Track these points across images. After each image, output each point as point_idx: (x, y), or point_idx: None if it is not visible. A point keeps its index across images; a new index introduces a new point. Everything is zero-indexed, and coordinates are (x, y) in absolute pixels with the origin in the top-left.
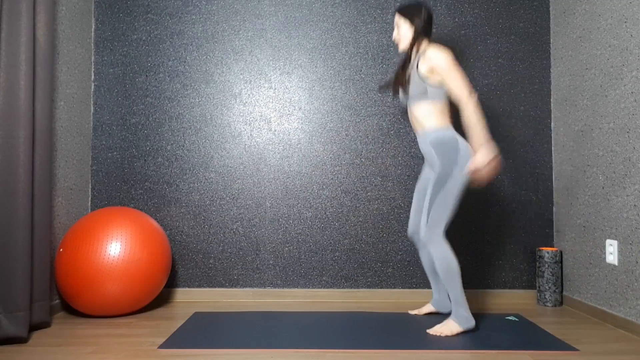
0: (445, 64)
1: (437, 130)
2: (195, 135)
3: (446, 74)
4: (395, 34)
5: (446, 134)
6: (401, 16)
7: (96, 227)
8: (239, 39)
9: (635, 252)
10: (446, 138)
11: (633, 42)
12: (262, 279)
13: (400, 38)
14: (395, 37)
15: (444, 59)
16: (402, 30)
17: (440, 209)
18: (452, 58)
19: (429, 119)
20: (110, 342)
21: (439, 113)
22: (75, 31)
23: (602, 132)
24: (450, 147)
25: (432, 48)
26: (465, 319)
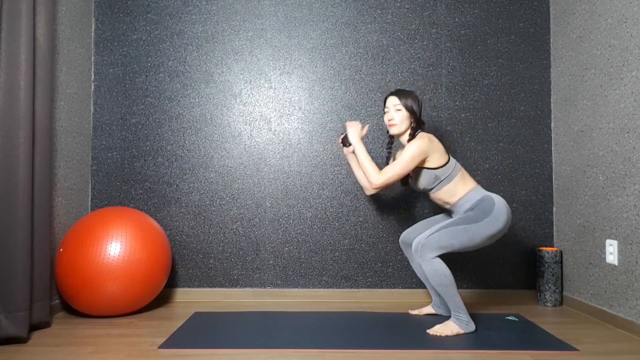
0: (408, 150)
1: (467, 196)
2: (195, 135)
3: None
4: (393, 116)
5: (478, 193)
6: (401, 102)
7: (96, 227)
8: (239, 39)
9: (635, 252)
10: (480, 196)
11: (633, 42)
12: (262, 279)
13: (396, 122)
14: (391, 120)
15: (410, 147)
16: (401, 115)
17: (450, 235)
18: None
19: (456, 195)
20: (110, 342)
21: (461, 184)
22: (75, 31)
23: (602, 132)
24: (486, 202)
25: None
26: (466, 323)
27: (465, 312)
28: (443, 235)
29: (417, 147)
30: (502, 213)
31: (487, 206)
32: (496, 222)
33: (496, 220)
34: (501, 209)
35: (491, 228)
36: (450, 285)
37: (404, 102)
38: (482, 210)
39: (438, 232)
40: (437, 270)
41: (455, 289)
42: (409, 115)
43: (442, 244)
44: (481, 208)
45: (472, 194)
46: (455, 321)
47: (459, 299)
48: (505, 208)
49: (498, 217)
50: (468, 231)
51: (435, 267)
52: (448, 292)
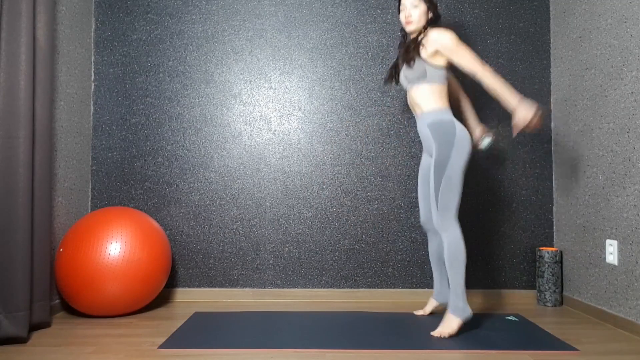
0: (451, 44)
1: (435, 112)
2: (195, 135)
3: (454, 53)
4: (408, 15)
5: (444, 117)
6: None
7: (96, 227)
8: (239, 39)
9: (635, 252)
10: (443, 121)
11: (633, 42)
12: (262, 279)
13: (414, 19)
14: (407, 17)
15: (448, 39)
16: (419, 13)
17: (447, 193)
18: (456, 37)
19: (428, 101)
20: (110, 342)
21: (438, 96)
22: (75, 31)
23: (602, 132)
24: (447, 129)
25: (434, 31)
26: (462, 309)
27: (464, 297)
28: (442, 200)
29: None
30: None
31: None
32: (463, 151)
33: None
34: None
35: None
36: (462, 262)
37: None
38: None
39: (438, 201)
40: (457, 242)
41: (464, 268)
42: (426, 10)
43: (449, 204)
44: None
45: (441, 113)
46: (451, 312)
47: (463, 280)
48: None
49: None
50: (450, 176)
51: (456, 239)
52: (457, 268)
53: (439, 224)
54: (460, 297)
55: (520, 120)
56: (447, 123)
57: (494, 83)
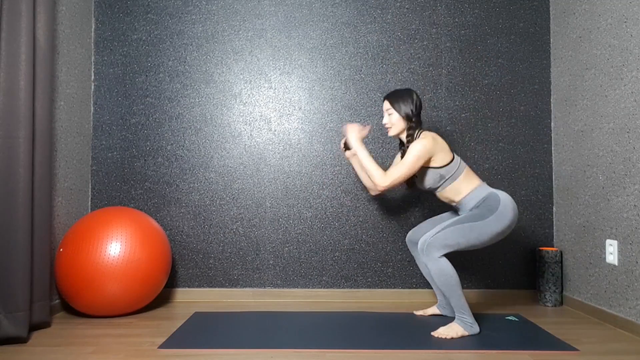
0: (412, 150)
1: (473, 193)
2: (195, 135)
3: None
4: (386, 120)
5: (483, 191)
6: (392, 107)
7: (96, 227)
8: (239, 39)
9: (635, 252)
10: (485, 193)
11: (633, 42)
12: (262, 279)
13: (390, 126)
14: (386, 122)
15: (414, 147)
16: (393, 119)
17: (457, 233)
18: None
19: (461, 193)
20: (110, 342)
21: (466, 182)
22: (75, 31)
23: (602, 132)
24: (492, 199)
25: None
26: (470, 325)
27: (470, 314)
28: (449, 233)
29: (421, 147)
30: (508, 209)
31: (493, 203)
32: (502, 219)
33: (502, 217)
34: (507, 205)
35: (498, 225)
36: (456, 286)
37: (394, 105)
38: (488, 208)
39: (444, 231)
40: (443, 270)
41: (460, 289)
42: (400, 118)
43: (449, 242)
44: (487, 205)
45: (477, 191)
46: (459, 323)
47: (463, 300)
48: (512, 204)
49: (504, 214)
50: (474, 229)
51: (442, 267)
52: (453, 292)
53: (425, 250)
54: (466, 314)
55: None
56: (490, 194)
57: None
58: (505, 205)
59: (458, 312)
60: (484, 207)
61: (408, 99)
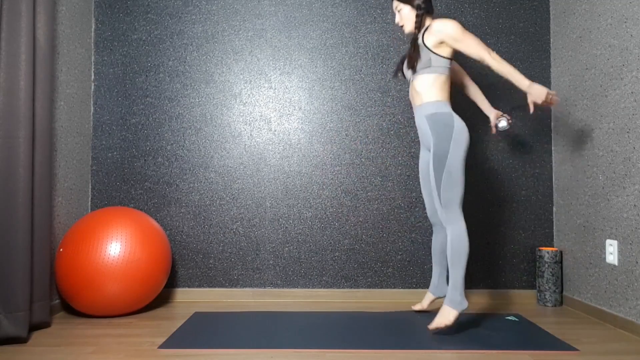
0: (455, 33)
1: (434, 104)
2: (195, 135)
3: (460, 42)
4: (398, 19)
5: (443, 109)
6: (399, 1)
7: (96, 227)
8: (239, 39)
9: (635, 252)
10: (442, 113)
11: (633, 42)
12: (262, 279)
13: (403, 22)
14: (398, 21)
15: (452, 29)
16: (404, 14)
17: (449, 188)
18: (459, 26)
19: (429, 92)
20: (110, 342)
21: (440, 87)
22: (75, 31)
23: (602, 132)
24: (446, 122)
25: (437, 21)
26: (459, 302)
27: (462, 291)
28: (444, 195)
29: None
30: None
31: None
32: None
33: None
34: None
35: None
36: (464, 257)
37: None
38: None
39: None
40: (461, 237)
41: (465, 264)
42: (410, 9)
43: (452, 199)
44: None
45: (439, 104)
46: (448, 304)
47: (463, 274)
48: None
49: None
50: (450, 171)
51: (461, 233)
52: (459, 262)
53: (444, 218)
54: (459, 290)
55: (535, 97)
56: (446, 116)
57: (503, 67)
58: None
59: (452, 287)
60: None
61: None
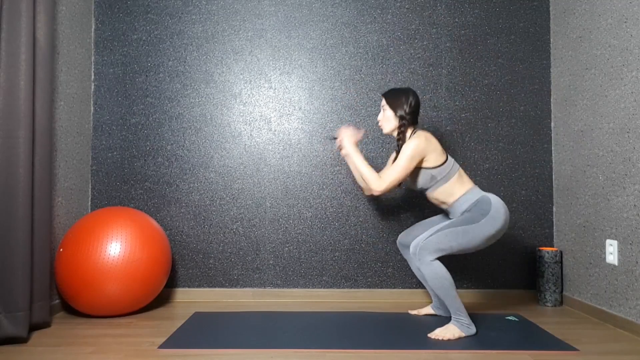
0: (405, 151)
1: (464, 197)
2: (195, 135)
3: (400, 156)
4: (380, 116)
5: (475, 194)
6: (386, 103)
7: (96, 227)
8: (239, 39)
9: (635, 252)
10: (477, 197)
11: (633, 42)
12: (262, 279)
13: (382, 123)
14: (380, 119)
15: (407, 147)
16: (387, 115)
17: (449, 237)
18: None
19: (453, 195)
20: (110, 342)
21: (458, 185)
22: (75, 31)
23: (602, 132)
24: (483, 203)
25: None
26: (467, 326)
27: (466, 315)
28: (441, 237)
29: (413, 148)
30: (500, 213)
31: (485, 206)
32: (494, 223)
33: (494, 220)
34: (499, 209)
35: (489, 228)
36: (450, 288)
37: (388, 101)
38: (480, 211)
39: (436, 234)
40: (437, 273)
41: (455, 291)
42: (392, 116)
43: (441, 246)
44: (478, 209)
45: (469, 194)
46: (456, 324)
47: (459, 301)
48: (503, 208)
49: (496, 218)
50: (467, 232)
51: (435, 270)
52: (448, 294)
53: (416, 252)
54: (464, 316)
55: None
56: (482, 197)
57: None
58: (497, 208)
59: (454, 314)
60: (475, 211)
61: (403, 97)
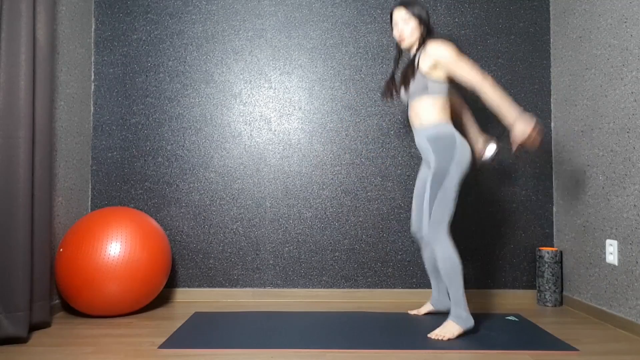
0: (449, 56)
1: (435, 126)
2: (195, 135)
3: (453, 65)
4: (401, 31)
5: (444, 130)
6: (409, 12)
7: (96, 227)
8: (239, 39)
9: (635, 252)
10: (443, 133)
11: (633, 42)
12: (262, 279)
13: (406, 35)
14: (400, 34)
15: (447, 52)
16: (410, 27)
17: (441, 206)
18: (454, 49)
19: (429, 114)
20: (110, 342)
21: (439, 108)
22: (75, 31)
23: (602, 132)
24: (447, 142)
25: (432, 43)
26: (464, 319)
27: (465, 306)
28: (435, 212)
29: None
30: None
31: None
32: (461, 165)
33: (461, 164)
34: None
35: (459, 172)
36: (459, 274)
37: (411, 11)
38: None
39: (431, 214)
40: (451, 256)
41: (461, 280)
42: (418, 25)
43: (442, 217)
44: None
45: (441, 127)
46: (453, 319)
47: (462, 291)
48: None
49: (461, 161)
50: (446, 190)
51: (450, 253)
52: (455, 280)
53: (430, 236)
54: (462, 306)
55: (518, 135)
56: (448, 136)
57: (493, 96)
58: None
59: (454, 304)
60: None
61: (420, 5)
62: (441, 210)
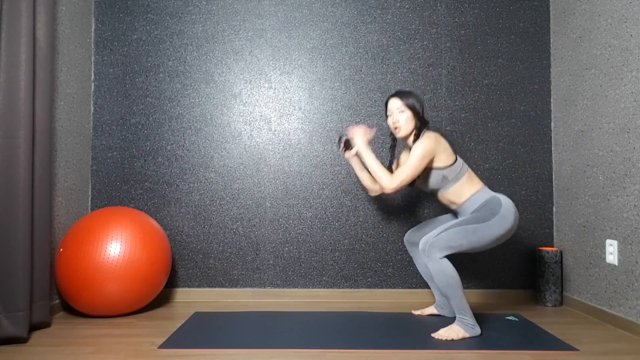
0: (416, 150)
1: (474, 197)
2: (195, 135)
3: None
4: (395, 121)
5: (485, 194)
6: (404, 104)
7: (96, 227)
8: (239, 39)
9: (635, 252)
10: (487, 197)
11: (633, 42)
12: (262, 279)
13: (401, 125)
14: (394, 123)
15: (419, 146)
16: (405, 117)
17: (459, 235)
18: (426, 146)
19: (463, 195)
20: (110, 342)
21: (468, 185)
22: (75, 31)
23: (602, 132)
24: (493, 203)
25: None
26: (472, 327)
27: (471, 315)
28: (451, 234)
29: (424, 147)
30: (510, 213)
31: (495, 207)
32: (504, 222)
33: (504, 220)
34: (509, 208)
35: (499, 228)
36: (457, 287)
37: (406, 102)
38: (490, 211)
39: (446, 232)
40: (445, 271)
41: (461, 290)
42: (412, 116)
43: (451, 243)
44: (488, 208)
45: (479, 195)
46: (460, 324)
47: (464, 301)
48: (513, 208)
49: (506, 217)
50: (477, 231)
51: (443, 268)
52: (454, 293)
53: (426, 251)
54: (468, 317)
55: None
56: (492, 198)
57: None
58: (507, 208)
59: (459, 314)
60: (485, 210)
61: (414, 97)
62: (455, 238)
